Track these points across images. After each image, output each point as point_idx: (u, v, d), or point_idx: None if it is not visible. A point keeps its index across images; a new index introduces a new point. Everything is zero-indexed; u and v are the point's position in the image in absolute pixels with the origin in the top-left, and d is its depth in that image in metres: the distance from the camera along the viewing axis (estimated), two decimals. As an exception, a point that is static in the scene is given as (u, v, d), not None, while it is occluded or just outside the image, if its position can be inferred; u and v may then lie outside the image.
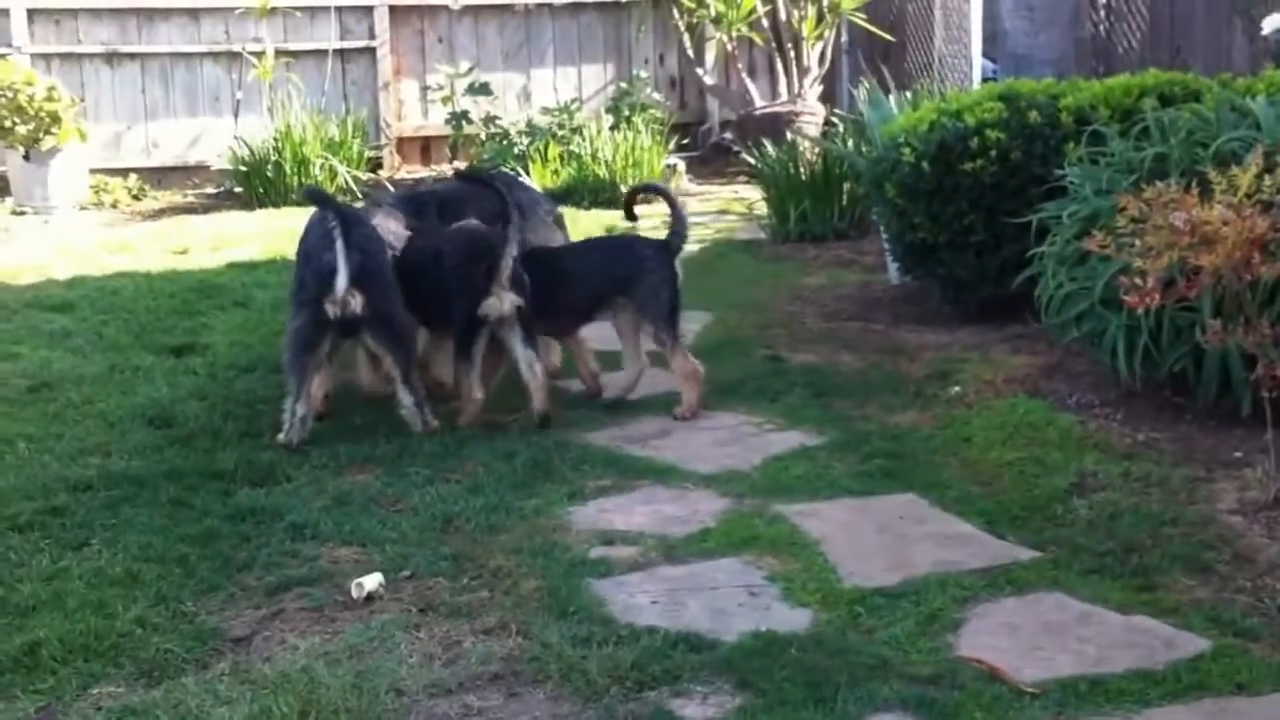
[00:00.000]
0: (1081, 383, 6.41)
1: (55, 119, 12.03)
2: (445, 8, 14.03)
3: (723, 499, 5.46)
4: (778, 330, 8.03)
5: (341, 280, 6.05)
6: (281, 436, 6.16)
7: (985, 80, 9.59)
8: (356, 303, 6.10)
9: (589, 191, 11.99)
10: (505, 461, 5.86)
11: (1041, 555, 4.80)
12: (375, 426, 6.34)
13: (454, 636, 4.30)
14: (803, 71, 13.33)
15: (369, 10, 13.80)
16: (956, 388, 6.64)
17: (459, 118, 13.27)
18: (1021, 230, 6.85)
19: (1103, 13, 10.15)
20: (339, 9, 13.65)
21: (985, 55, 10.66)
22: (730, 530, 5.11)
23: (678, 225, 6.72)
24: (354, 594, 4.59)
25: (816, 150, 10.73)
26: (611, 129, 12.76)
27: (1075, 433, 5.82)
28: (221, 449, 6.05)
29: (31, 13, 12.92)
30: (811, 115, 13.04)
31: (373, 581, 4.63)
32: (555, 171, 11.99)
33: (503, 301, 6.32)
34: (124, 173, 13.06)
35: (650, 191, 7.97)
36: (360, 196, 11.53)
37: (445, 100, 13.44)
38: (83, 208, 12.42)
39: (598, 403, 6.78)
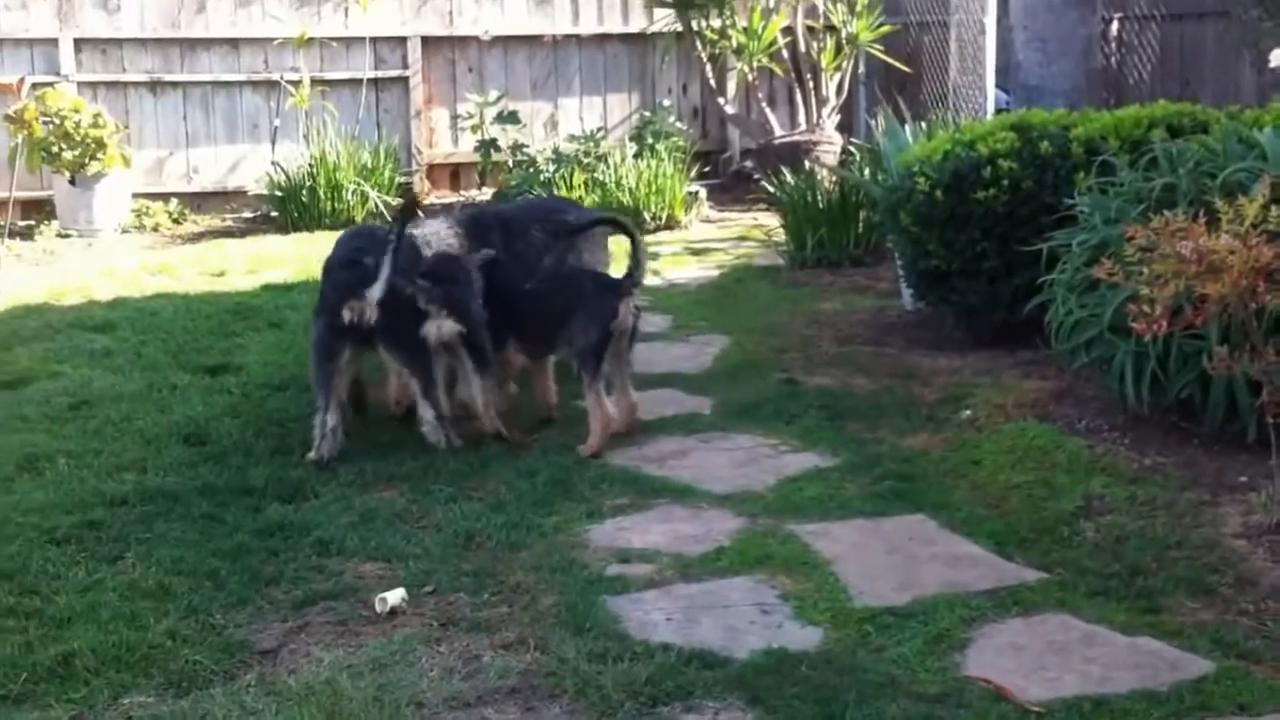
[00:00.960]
0: (1090, 407, 6.49)
1: (100, 145, 12.27)
2: (476, 39, 14.26)
3: (738, 518, 5.57)
4: (794, 354, 8.13)
5: (376, 290, 6.28)
6: (311, 454, 6.34)
7: (999, 111, 9.68)
8: (372, 312, 6.32)
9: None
10: (527, 480, 6.01)
11: (1048, 577, 4.88)
12: (401, 444, 6.52)
13: (474, 651, 4.42)
14: (821, 102, 13.45)
15: (402, 41, 14.07)
16: (967, 411, 6.74)
17: (487, 145, 13.45)
18: (1033, 258, 6.93)
19: (1114, 45, 10.29)
20: (374, 40, 13.92)
21: (999, 86, 10.77)
22: (744, 549, 5.21)
23: (634, 266, 6.72)
24: (377, 608, 4.73)
25: (834, 178, 10.86)
26: (635, 157, 12.92)
27: (1083, 456, 5.91)
28: (253, 466, 6.23)
29: (79, 42, 13.23)
30: (830, 144, 13.14)
31: (396, 596, 4.78)
32: (580, 198, 12.12)
33: (439, 328, 6.49)
34: (165, 197, 13.33)
35: (612, 226, 7.73)
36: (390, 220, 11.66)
37: (475, 128, 13.63)
38: (125, 231, 12.68)
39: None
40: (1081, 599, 4.68)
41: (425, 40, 14.10)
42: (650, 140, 13.26)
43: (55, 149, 12.13)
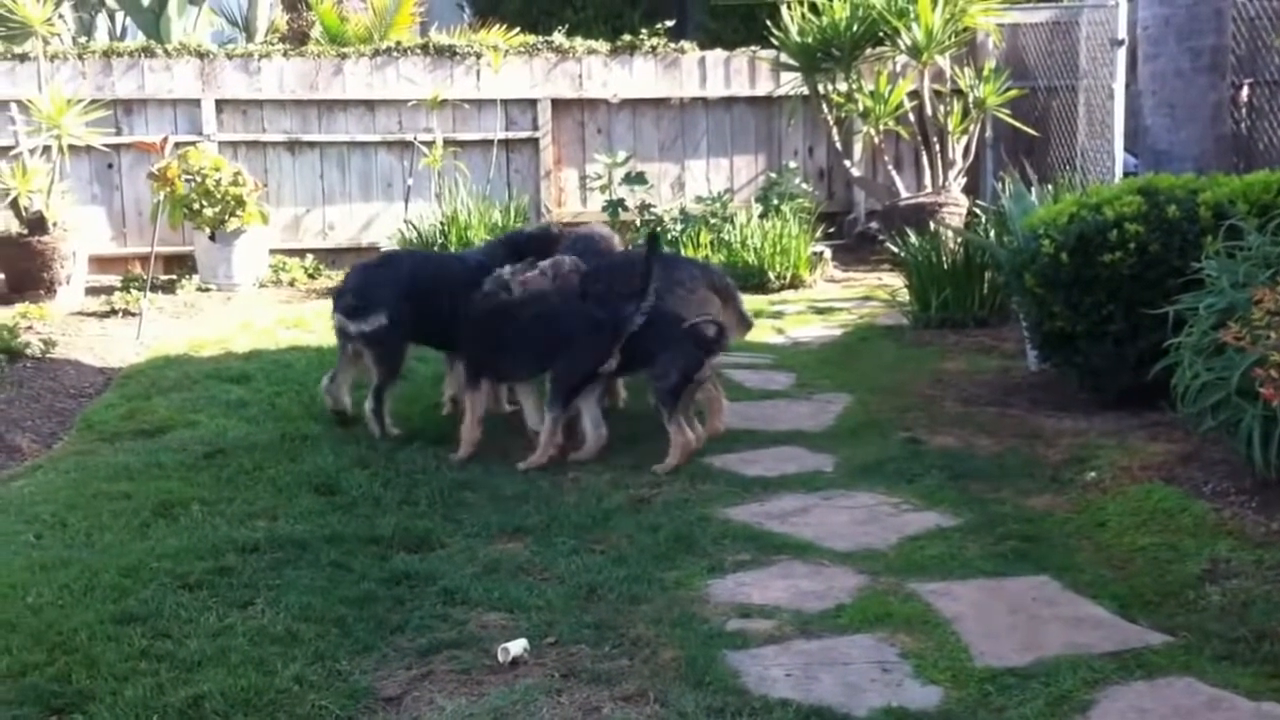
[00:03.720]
0: (1217, 471, 6.38)
1: (240, 202, 12.61)
2: (605, 101, 14.48)
3: (858, 576, 5.56)
4: (917, 413, 8.09)
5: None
6: None
7: (1127, 174, 9.60)
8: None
9: (737, 277, 12.06)
10: (649, 534, 6.05)
11: (1173, 640, 4.80)
12: (525, 497, 6.62)
13: (594, 702, 4.44)
14: (947, 164, 13.44)
15: (533, 103, 14.33)
16: (1092, 473, 6.67)
17: (615, 205, 13.60)
18: (1159, 321, 6.86)
19: (1244, 110, 10.17)
20: (505, 102, 14.20)
21: (1127, 150, 10.71)
22: (865, 607, 5.19)
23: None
24: (500, 658, 4.78)
25: (959, 240, 10.84)
26: (760, 217, 13.00)
27: (1209, 520, 5.81)
28: (380, 515, 6.34)
29: (220, 103, 13.68)
30: (955, 206, 13.14)
31: (518, 647, 4.82)
32: (706, 257, 12.19)
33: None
34: (301, 253, 13.69)
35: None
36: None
37: (603, 188, 13.79)
38: (262, 285, 13.00)
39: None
40: (1206, 663, 4.60)
41: (555, 102, 14.35)
42: (776, 201, 13.34)
43: (196, 206, 12.48)
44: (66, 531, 6.16)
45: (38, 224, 11.99)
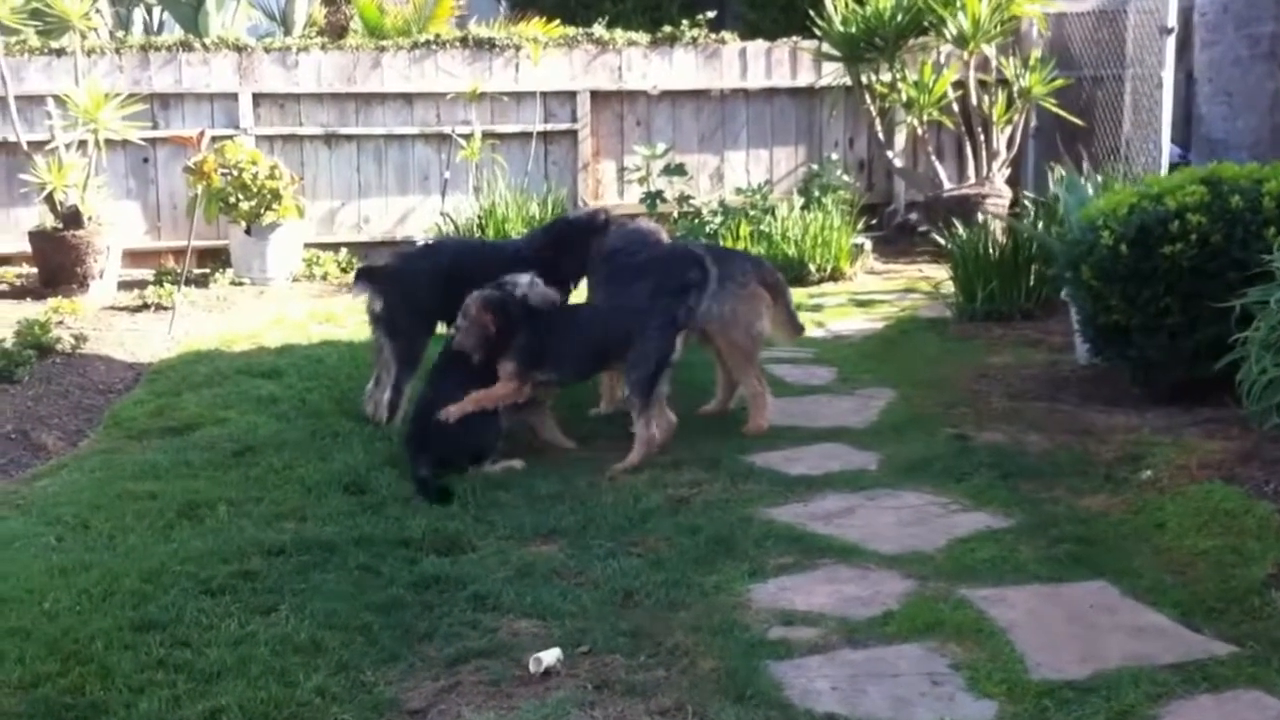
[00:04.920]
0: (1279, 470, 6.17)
1: (276, 196, 12.48)
2: (644, 93, 14.28)
3: (906, 580, 5.37)
4: (963, 409, 7.90)
5: None
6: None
7: (1173, 165, 9.40)
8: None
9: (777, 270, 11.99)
10: (688, 536, 5.86)
11: (1239, 650, 4.61)
12: (560, 497, 6.44)
13: (628, 716, 4.28)
14: (991, 155, 13.24)
15: (572, 95, 14.14)
16: (1148, 472, 6.44)
17: (653, 197, 13.41)
18: (1216, 314, 6.71)
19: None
20: (544, 94, 14.04)
21: (1172, 140, 10.49)
22: (914, 614, 5.01)
23: None
24: (531, 669, 4.60)
25: (1007, 231, 10.61)
26: (801, 209, 12.80)
27: (1274, 521, 5.56)
28: (411, 517, 6.17)
29: (258, 97, 13.53)
30: (999, 197, 12.94)
31: (551, 657, 4.65)
32: (746, 249, 11.98)
33: None
34: (335, 247, 13.52)
35: None
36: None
37: (641, 180, 13.61)
38: (296, 280, 12.85)
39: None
40: (1275, 675, 4.41)
41: (594, 95, 14.16)
42: (816, 193, 13.15)
43: (232, 200, 12.35)
44: (88, 533, 6.02)
45: (72, 218, 11.87)
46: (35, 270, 12.23)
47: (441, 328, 7.80)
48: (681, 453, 7.08)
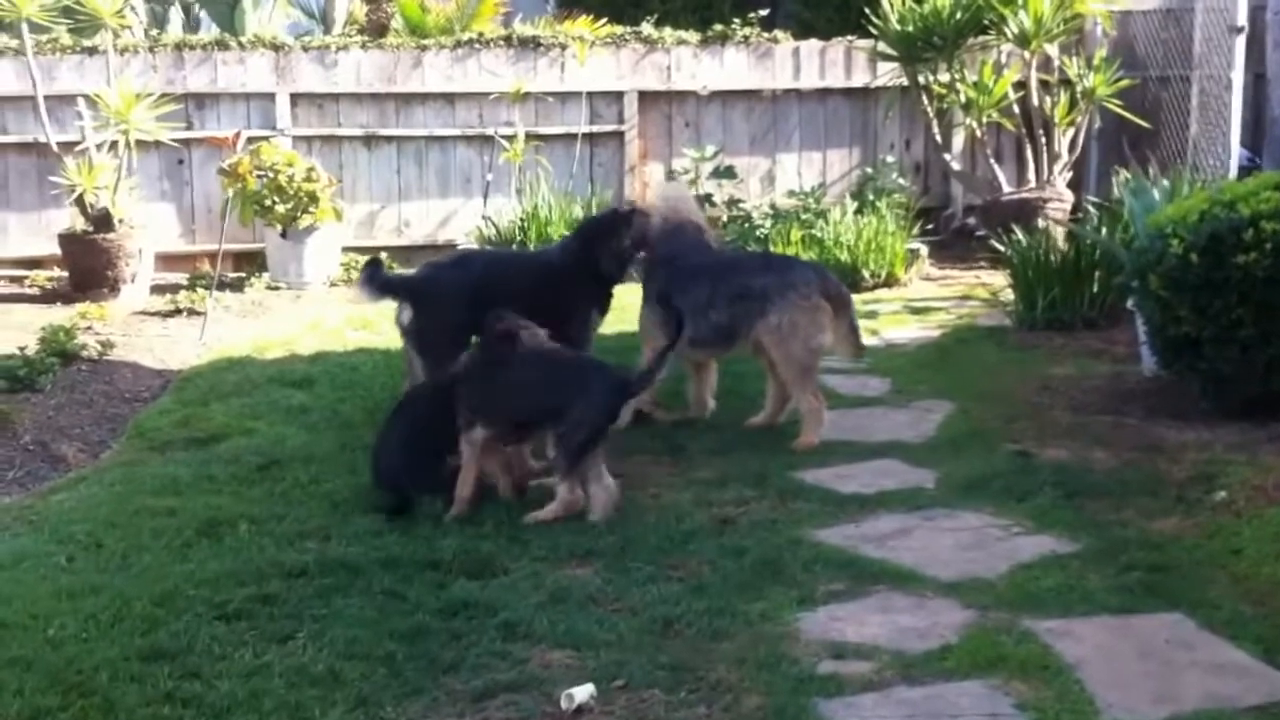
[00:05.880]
0: (1364, 493, 5.83)
1: (313, 199, 12.24)
2: (693, 93, 13.95)
3: (965, 610, 5.06)
4: (1024, 423, 7.58)
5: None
6: None
7: (1242, 169, 9.04)
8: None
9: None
10: (733, 559, 5.57)
11: (1327, 691, 4.26)
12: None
13: (666, 760, 3.99)
14: (1053, 157, 12.90)
15: (619, 96, 13.81)
16: (1222, 493, 6.10)
17: (702, 200, 13.09)
18: (1293, 326, 6.36)
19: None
20: (590, 95, 13.71)
21: (1241, 143, 10.14)
22: (974, 648, 4.70)
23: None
24: (563, 705, 4.33)
25: (1069, 237, 10.23)
26: (855, 213, 12.44)
27: (1362, 550, 5.24)
28: (441, 536, 5.87)
29: (295, 97, 13.29)
30: (1060, 201, 12.62)
31: (583, 693, 4.36)
32: (796, 254, 11.67)
33: None
34: (375, 251, 13.08)
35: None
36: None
37: (690, 183, 13.30)
38: (333, 284, 12.59)
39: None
40: (1369, 720, 4.07)
41: (642, 95, 13.83)
42: (871, 196, 12.80)
43: (268, 202, 12.11)
44: (101, 553, 5.77)
45: (103, 221, 11.67)
46: (66, 274, 12.08)
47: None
48: (728, 469, 6.81)
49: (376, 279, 7.43)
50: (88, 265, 11.65)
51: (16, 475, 7.12)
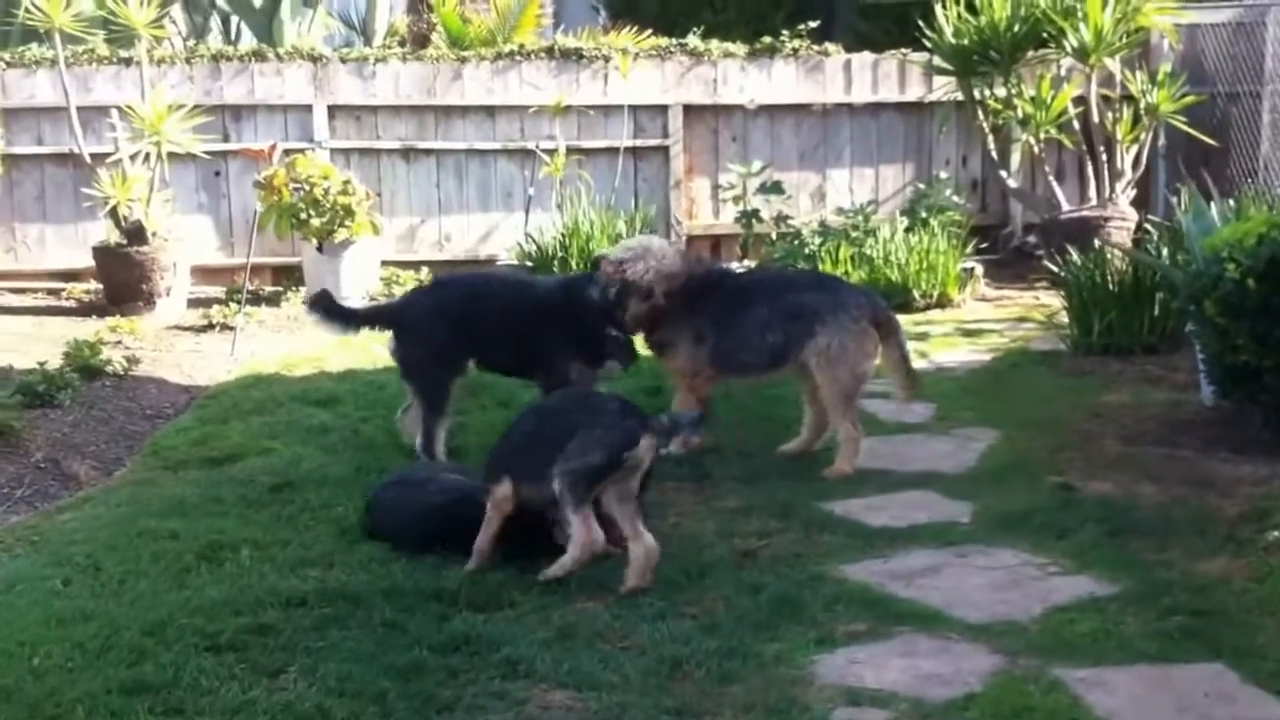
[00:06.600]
0: None
1: (349, 212, 12.04)
2: (740, 107, 13.65)
3: (993, 656, 4.79)
4: (1071, 454, 7.25)
5: None
6: None
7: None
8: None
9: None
10: (749, 596, 5.33)
11: (1382, 755, 3.96)
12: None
13: (666, 814, 3.74)
14: (1115, 175, 12.52)
15: (663, 109, 13.53)
16: (1276, 532, 5.76)
17: (750, 216, 12.84)
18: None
19: None
20: (633, 108, 13.44)
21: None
22: (999, 697, 4.44)
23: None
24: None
25: (1127, 259, 9.87)
26: (906, 231, 12.11)
27: None
28: (449, 565, 5.65)
29: (333, 109, 13.14)
30: (1122, 220, 12.24)
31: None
32: (846, 273, 11.37)
33: None
34: (415, 265, 13.06)
35: None
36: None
37: (736, 199, 13.04)
38: (373, 299, 12.39)
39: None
40: None
41: (687, 108, 13.54)
42: (924, 214, 12.44)
43: (303, 215, 11.94)
44: (98, 577, 5.58)
45: (136, 234, 11.55)
46: (101, 287, 11.98)
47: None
48: (754, 497, 6.56)
49: (332, 312, 7.46)
50: (122, 279, 11.56)
51: (25, 494, 6.96)
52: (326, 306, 7.49)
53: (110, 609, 5.18)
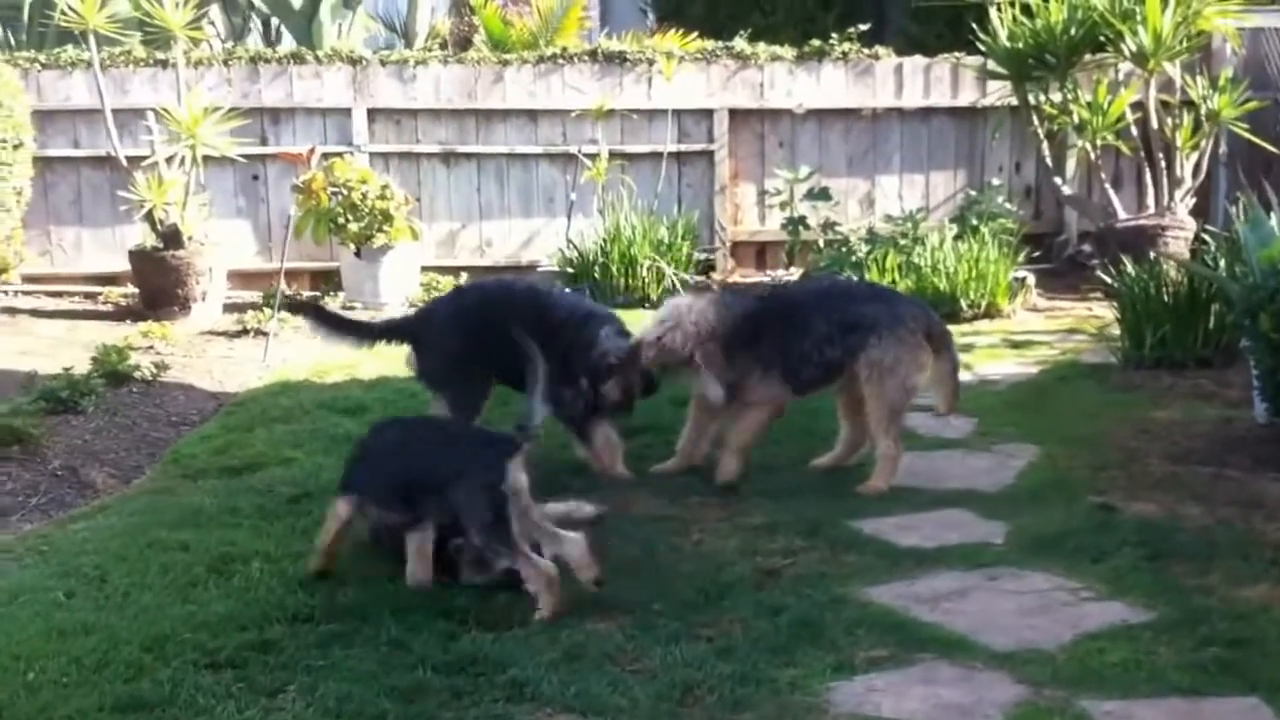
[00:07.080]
0: None
1: (387, 217, 11.97)
2: (788, 112, 13.48)
3: (1017, 686, 4.60)
4: (1114, 472, 7.01)
5: None
6: None
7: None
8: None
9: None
10: (768, 618, 5.15)
11: None
12: (635, 564, 5.73)
13: None
14: (1174, 183, 12.24)
15: (708, 113, 13.37)
16: (1323, 558, 5.52)
17: (796, 223, 12.66)
18: None
19: None
20: (677, 112, 13.29)
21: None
22: (1020, 732, 4.22)
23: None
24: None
25: (1181, 269, 9.58)
26: (956, 239, 11.86)
27: None
28: (460, 584, 5.50)
29: (372, 112, 13.04)
30: (1180, 230, 11.96)
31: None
32: (893, 282, 11.15)
33: None
34: (456, 271, 12.94)
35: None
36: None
37: (783, 205, 12.85)
38: (412, 305, 12.27)
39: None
40: None
41: (733, 113, 13.37)
42: (974, 221, 12.19)
43: (341, 220, 11.87)
44: (104, 589, 5.50)
45: (172, 238, 11.51)
46: (137, 291, 11.96)
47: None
48: (780, 514, 6.36)
49: (330, 324, 7.31)
50: (157, 283, 11.52)
51: (40, 502, 6.89)
52: (328, 319, 7.34)
53: (112, 622, 5.10)
